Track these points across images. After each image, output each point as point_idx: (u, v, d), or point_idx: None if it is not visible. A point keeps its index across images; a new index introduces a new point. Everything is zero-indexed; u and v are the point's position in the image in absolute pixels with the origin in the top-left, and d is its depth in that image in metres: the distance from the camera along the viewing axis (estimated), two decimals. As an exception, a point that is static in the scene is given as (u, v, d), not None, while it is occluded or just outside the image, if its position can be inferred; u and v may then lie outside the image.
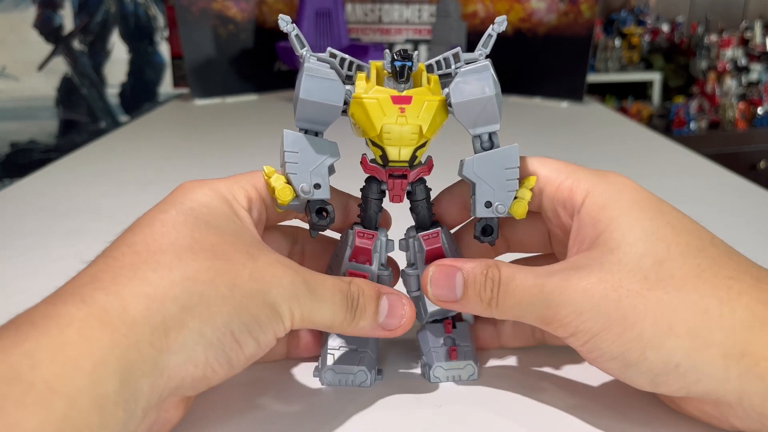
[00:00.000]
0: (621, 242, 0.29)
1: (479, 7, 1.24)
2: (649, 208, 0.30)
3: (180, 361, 0.25)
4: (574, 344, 0.29)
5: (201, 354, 0.26)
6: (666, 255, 0.28)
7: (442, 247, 0.34)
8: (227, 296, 0.27)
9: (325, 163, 0.32)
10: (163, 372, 0.25)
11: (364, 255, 0.33)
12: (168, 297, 0.25)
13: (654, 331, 0.27)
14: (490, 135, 0.32)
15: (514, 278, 0.30)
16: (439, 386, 0.34)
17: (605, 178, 0.31)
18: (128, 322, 0.24)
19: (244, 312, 0.27)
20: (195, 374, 0.26)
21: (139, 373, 0.24)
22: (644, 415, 0.31)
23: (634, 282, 0.28)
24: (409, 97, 0.31)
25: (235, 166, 0.79)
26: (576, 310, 0.28)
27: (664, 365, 0.27)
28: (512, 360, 0.36)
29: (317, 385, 0.34)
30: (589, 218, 0.30)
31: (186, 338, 0.25)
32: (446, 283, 0.31)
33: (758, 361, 0.26)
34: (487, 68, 0.31)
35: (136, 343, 0.24)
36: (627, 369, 0.28)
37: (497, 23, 0.31)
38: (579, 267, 0.29)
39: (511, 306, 0.30)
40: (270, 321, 0.28)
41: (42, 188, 0.70)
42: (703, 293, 0.27)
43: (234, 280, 0.27)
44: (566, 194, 0.32)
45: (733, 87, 2.44)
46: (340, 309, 0.30)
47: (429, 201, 0.34)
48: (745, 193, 0.69)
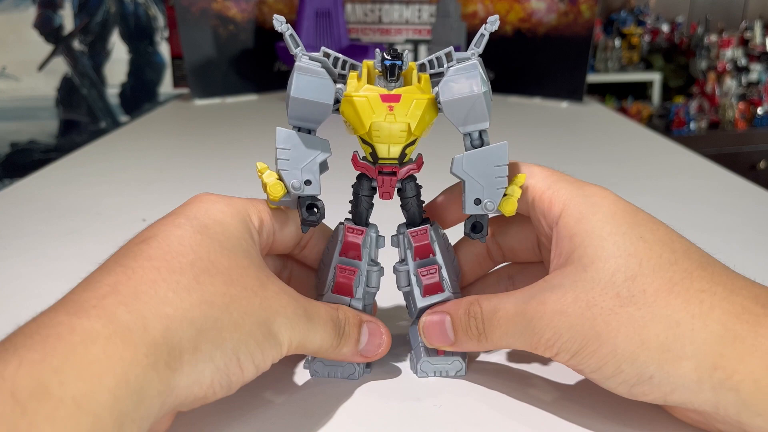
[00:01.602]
0: (594, 258, 0.29)
1: (479, 7, 1.24)
2: (623, 222, 0.30)
3: (189, 382, 0.26)
4: (561, 361, 0.30)
5: (207, 377, 0.27)
6: (638, 271, 0.29)
7: (430, 243, 0.34)
8: (239, 323, 0.27)
9: (316, 159, 0.32)
10: (173, 392, 0.25)
11: (354, 250, 0.34)
12: (186, 319, 0.26)
13: (627, 345, 0.28)
14: (480, 133, 0.32)
15: (497, 310, 0.31)
16: (426, 381, 0.34)
17: (583, 190, 0.32)
18: (148, 342, 0.24)
19: (251, 339, 0.28)
20: (198, 394, 0.27)
21: (154, 393, 0.24)
22: (632, 412, 0.31)
23: (607, 299, 0.28)
24: (398, 96, 0.31)
25: (235, 166, 0.80)
26: (556, 332, 0.29)
27: (639, 377, 0.28)
28: (501, 356, 0.37)
29: (306, 377, 0.35)
30: (565, 231, 0.31)
31: (198, 361, 0.26)
32: (438, 330, 0.33)
33: (730, 375, 0.26)
34: (475, 67, 0.31)
35: (154, 363, 0.24)
36: (606, 381, 0.29)
37: (489, 23, 0.31)
38: (554, 287, 0.30)
39: (499, 337, 0.31)
40: (271, 348, 0.29)
41: (42, 188, 0.71)
42: (674, 308, 0.28)
43: (246, 307, 0.28)
44: (546, 205, 0.32)
45: (733, 87, 2.44)
46: (330, 336, 0.32)
47: (419, 198, 0.34)
48: (745, 193, 0.69)
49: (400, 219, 0.35)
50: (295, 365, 0.36)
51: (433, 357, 0.34)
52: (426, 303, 0.34)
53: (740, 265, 0.31)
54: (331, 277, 0.34)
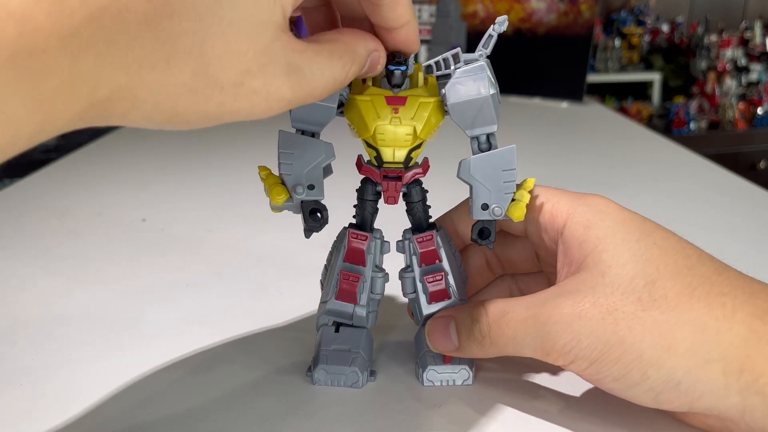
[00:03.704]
0: (611, 264, 0.29)
1: (479, 7, 1.24)
2: (633, 229, 0.30)
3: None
4: (575, 370, 0.29)
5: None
6: (657, 275, 0.28)
7: (436, 249, 0.34)
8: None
9: (319, 163, 0.32)
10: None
11: (358, 256, 0.33)
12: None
13: (653, 350, 0.27)
14: (488, 136, 0.32)
15: (506, 313, 0.30)
16: (431, 390, 0.34)
17: (584, 200, 0.32)
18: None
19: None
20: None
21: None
22: (642, 422, 0.31)
23: (628, 303, 0.28)
24: (404, 98, 0.31)
25: (236, 167, 0.80)
26: (575, 337, 0.28)
27: (666, 383, 0.27)
28: (509, 365, 0.36)
29: (309, 385, 0.34)
30: (573, 239, 0.31)
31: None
32: (442, 334, 0.33)
33: (757, 377, 0.26)
34: (483, 69, 0.31)
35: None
36: (629, 389, 0.28)
37: (498, 23, 0.31)
38: (570, 292, 0.29)
39: (506, 342, 0.30)
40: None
41: (42, 188, 0.70)
42: (698, 312, 0.27)
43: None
44: (547, 218, 0.32)
45: (733, 87, 2.44)
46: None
47: (425, 203, 0.34)
48: (745, 193, 0.69)
49: (405, 224, 0.35)
50: (297, 373, 0.35)
51: (439, 365, 0.34)
52: (432, 310, 0.34)
53: (740, 264, 0.31)
54: (334, 283, 0.34)
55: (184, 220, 0.60)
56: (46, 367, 0.36)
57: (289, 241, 0.52)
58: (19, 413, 0.32)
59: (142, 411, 0.32)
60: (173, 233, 0.57)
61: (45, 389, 0.34)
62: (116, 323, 0.41)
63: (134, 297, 0.45)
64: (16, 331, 0.40)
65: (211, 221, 0.60)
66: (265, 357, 0.37)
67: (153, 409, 0.32)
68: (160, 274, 0.49)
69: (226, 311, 0.43)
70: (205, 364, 0.36)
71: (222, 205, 0.64)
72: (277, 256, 0.52)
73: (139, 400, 0.33)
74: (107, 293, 0.45)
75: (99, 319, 0.42)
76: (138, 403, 0.33)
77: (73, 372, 0.36)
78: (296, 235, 0.34)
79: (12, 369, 0.36)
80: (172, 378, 0.35)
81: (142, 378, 0.35)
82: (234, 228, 0.58)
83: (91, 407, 0.33)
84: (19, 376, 0.35)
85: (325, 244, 0.36)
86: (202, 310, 0.43)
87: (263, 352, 0.37)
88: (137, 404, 0.33)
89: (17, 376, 0.35)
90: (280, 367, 0.36)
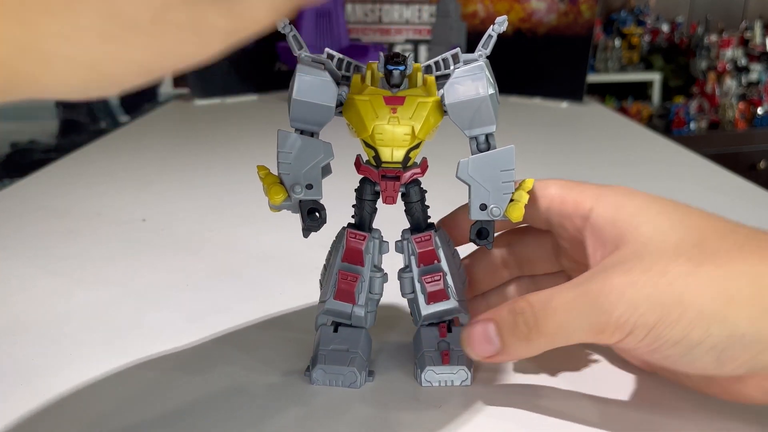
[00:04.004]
0: (652, 235, 0.28)
1: (479, 7, 1.24)
2: (664, 204, 0.30)
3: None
4: (631, 344, 0.28)
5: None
6: (702, 237, 0.28)
7: (435, 249, 0.34)
8: None
9: (318, 163, 0.32)
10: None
11: (356, 256, 0.33)
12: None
13: (714, 304, 0.26)
14: (486, 136, 0.32)
15: (551, 299, 0.29)
16: (429, 390, 0.34)
17: (610, 188, 0.32)
18: None
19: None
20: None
21: None
22: (642, 421, 0.31)
23: (680, 264, 0.27)
24: (402, 98, 0.31)
25: (236, 167, 0.80)
26: (631, 305, 0.27)
27: (729, 337, 0.26)
28: (508, 367, 0.36)
29: (307, 385, 0.34)
30: (603, 220, 0.30)
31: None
32: (482, 338, 0.30)
33: None
34: (481, 68, 0.31)
35: None
36: (690, 352, 0.27)
37: (498, 23, 0.31)
38: (615, 264, 0.28)
39: (555, 330, 0.28)
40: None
41: (42, 188, 0.70)
42: (752, 263, 0.27)
43: None
44: (571, 207, 0.32)
45: (733, 87, 2.44)
46: None
47: (423, 203, 0.34)
48: (745, 193, 0.69)
49: (404, 224, 0.35)
50: (295, 373, 0.35)
51: (438, 366, 0.34)
52: (430, 310, 0.34)
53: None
54: (333, 283, 0.34)
55: (184, 220, 0.60)
56: (46, 367, 0.36)
57: (289, 241, 0.52)
58: (19, 413, 0.32)
59: (142, 411, 0.32)
60: (173, 233, 0.57)
61: (45, 389, 0.34)
62: (116, 323, 0.41)
63: (134, 297, 0.45)
64: (16, 331, 0.40)
65: (211, 221, 0.60)
66: (264, 357, 0.37)
67: (152, 408, 0.32)
68: (160, 274, 0.49)
69: (226, 311, 0.43)
70: (205, 364, 0.36)
71: (222, 205, 0.64)
72: (276, 256, 0.52)
73: (138, 399, 0.33)
74: (107, 293, 0.45)
75: (99, 319, 0.42)
76: (138, 402, 0.33)
77: (73, 372, 0.36)
78: (296, 235, 0.34)
79: (12, 369, 0.36)
80: (171, 378, 0.35)
81: (141, 378, 0.35)
82: (234, 228, 0.58)
83: (91, 407, 0.33)
84: (19, 376, 0.35)
85: (324, 244, 0.36)
86: (202, 310, 0.43)
87: (262, 351, 0.37)
88: (137, 404, 0.33)
89: (17, 376, 0.35)
90: (278, 367, 0.36)
